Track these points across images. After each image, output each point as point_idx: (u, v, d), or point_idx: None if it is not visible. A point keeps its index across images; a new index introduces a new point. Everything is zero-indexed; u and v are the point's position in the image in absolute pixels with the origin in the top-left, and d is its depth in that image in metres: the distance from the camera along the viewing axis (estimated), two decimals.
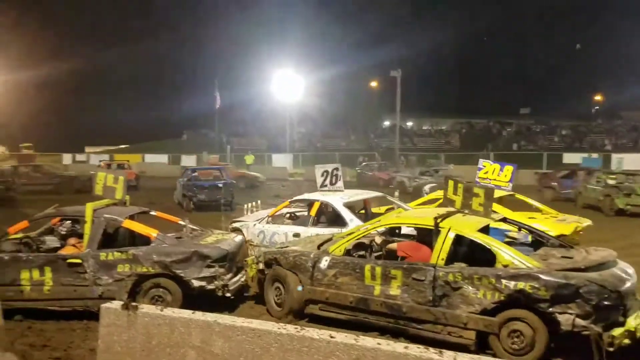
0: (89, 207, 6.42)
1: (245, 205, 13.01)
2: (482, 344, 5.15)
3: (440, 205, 7.38)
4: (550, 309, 4.83)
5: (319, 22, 74.71)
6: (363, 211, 9.12)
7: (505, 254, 5.26)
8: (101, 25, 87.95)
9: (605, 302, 4.69)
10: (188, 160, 37.41)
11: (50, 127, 59.47)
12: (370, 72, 51.66)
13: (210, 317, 3.71)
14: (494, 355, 4.98)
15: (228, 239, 7.02)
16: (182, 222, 7.20)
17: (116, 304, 3.99)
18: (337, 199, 8.58)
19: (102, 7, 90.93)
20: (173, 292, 6.32)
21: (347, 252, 6.29)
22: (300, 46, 56.46)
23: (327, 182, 9.22)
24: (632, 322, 4.79)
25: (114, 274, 6.29)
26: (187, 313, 3.81)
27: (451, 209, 6.24)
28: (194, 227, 7.24)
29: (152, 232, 6.54)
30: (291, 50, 53.48)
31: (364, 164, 32.10)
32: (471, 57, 79.94)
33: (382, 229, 6.58)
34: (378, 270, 5.78)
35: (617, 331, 4.65)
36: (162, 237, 6.54)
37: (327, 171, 9.25)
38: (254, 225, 9.15)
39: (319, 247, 6.58)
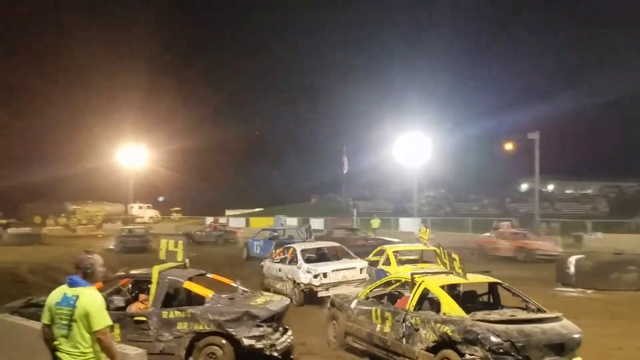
0: (155, 270, 7.26)
1: None
2: None
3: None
4: (464, 350, 5.88)
5: (448, 84, 74.76)
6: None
7: (445, 305, 6.56)
8: (236, 98, 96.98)
9: (500, 350, 5.66)
10: (316, 223, 38.71)
11: (198, 192, 66.16)
12: (505, 133, 49.90)
13: None
14: None
15: (276, 300, 7.43)
16: (234, 284, 7.77)
17: None
18: (298, 247, 13.00)
19: (229, 80, 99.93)
20: (225, 349, 6.80)
21: (374, 297, 8.02)
22: (429, 109, 56.64)
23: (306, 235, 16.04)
24: None
25: (174, 331, 6.94)
26: None
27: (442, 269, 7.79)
28: (245, 289, 7.76)
29: (208, 293, 7.17)
30: (419, 113, 53.61)
31: (500, 230, 30.43)
32: (622, 114, 73.09)
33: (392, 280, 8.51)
34: (379, 312, 7.39)
35: None
36: (217, 298, 7.15)
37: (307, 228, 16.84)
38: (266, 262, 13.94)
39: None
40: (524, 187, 60.26)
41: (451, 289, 7.32)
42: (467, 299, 7.27)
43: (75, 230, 43.61)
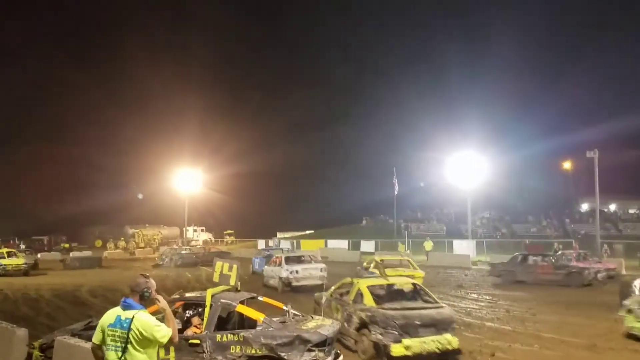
0: (208, 293, 7.35)
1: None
2: None
3: None
4: (371, 329, 8.74)
5: (502, 103, 72.97)
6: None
7: (366, 298, 9.46)
8: (287, 122, 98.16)
9: (388, 327, 8.55)
10: (367, 246, 38.34)
11: (250, 215, 67.10)
12: (564, 152, 48.20)
13: None
14: None
15: (327, 325, 7.35)
16: (285, 308, 7.75)
17: None
18: (284, 255, 20.43)
19: (281, 105, 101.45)
20: None
21: (337, 294, 10.72)
22: (484, 127, 55.33)
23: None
24: (406, 342, 8.42)
25: (227, 354, 6.98)
26: None
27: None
28: (296, 313, 7.72)
29: (260, 316, 7.18)
30: (474, 131, 52.53)
31: (559, 252, 29.13)
32: None
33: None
34: (335, 305, 10.16)
35: (394, 346, 8.41)
36: (269, 321, 7.15)
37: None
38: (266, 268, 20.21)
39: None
40: (585, 207, 57.55)
41: (378, 288, 10.20)
42: (393, 295, 10.10)
43: (133, 253, 45.10)
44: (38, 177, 67.61)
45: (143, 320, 4.05)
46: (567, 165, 48.33)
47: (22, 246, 42.50)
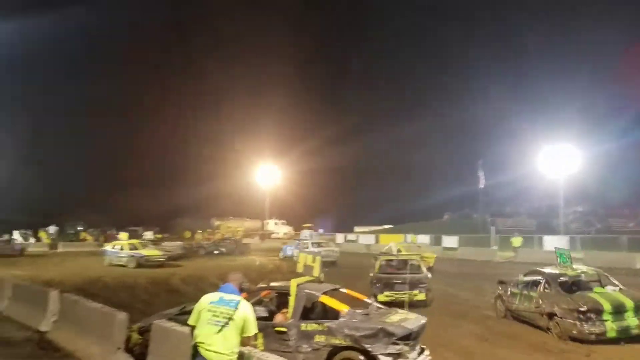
0: (293, 283, 7.48)
1: None
2: None
3: None
4: (372, 286, 14.49)
5: (598, 89, 68.16)
6: None
7: (376, 268, 15.20)
8: (367, 116, 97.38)
9: (378, 284, 14.43)
10: (449, 241, 37.31)
11: (330, 209, 67.66)
12: None
13: None
14: None
15: (412, 319, 7.24)
16: (368, 300, 7.72)
17: None
18: (310, 240, 31.52)
19: (361, 99, 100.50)
20: None
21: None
22: (576, 117, 51.98)
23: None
24: (386, 293, 14.01)
25: (312, 343, 7.10)
26: None
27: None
28: (380, 306, 7.66)
29: (344, 308, 7.22)
30: (566, 122, 49.36)
31: None
32: None
33: None
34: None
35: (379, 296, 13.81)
36: (352, 313, 7.18)
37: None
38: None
39: None
40: None
41: (386, 263, 15.70)
42: (392, 266, 15.62)
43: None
44: (132, 173, 72.44)
45: (247, 309, 4.61)
46: None
47: (147, 236, 45.26)
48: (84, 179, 72.02)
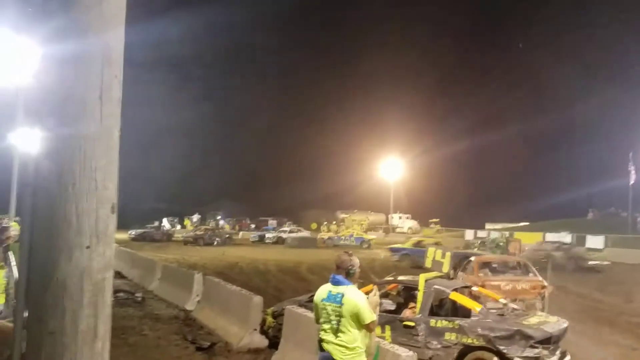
0: (421, 278, 7.38)
1: None
2: None
3: None
4: None
5: None
6: None
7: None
8: (496, 105, 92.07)
9: None
10: (593, 242, 34.10)
11: (461, 204, 65.44)
12: None
13: None
14: None
15: (552, 322, 6.80)
16: (502, 301, 7.33)
17: None
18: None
19: (489, 94, 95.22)
20: None
21: None
22: None
23: None
24: None
25: (441, 340, 6.93)
26: None
27: None
28: (515, 307, 7.25)
29: (476, 306, 6.96)
30: None
31: None
32: None
33: None
34: None
35: None
36: (485, 312, 6.89)
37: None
38: None
39: None
40: None
41: None
42: None
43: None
44: (267, 168, 76.84)
45: (352, 297, 4.26)
46: None
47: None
48: (227, 174, 78.25)
